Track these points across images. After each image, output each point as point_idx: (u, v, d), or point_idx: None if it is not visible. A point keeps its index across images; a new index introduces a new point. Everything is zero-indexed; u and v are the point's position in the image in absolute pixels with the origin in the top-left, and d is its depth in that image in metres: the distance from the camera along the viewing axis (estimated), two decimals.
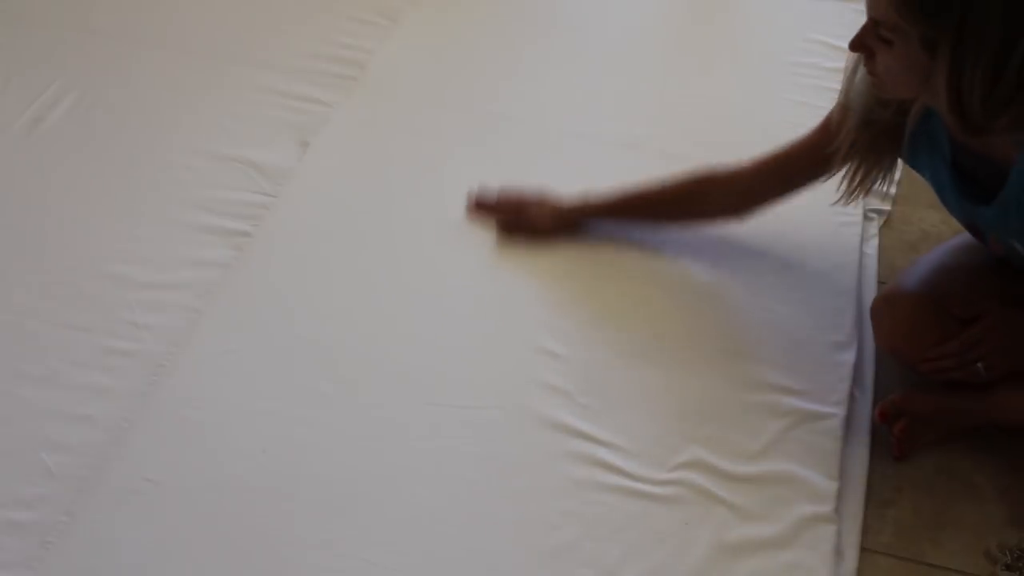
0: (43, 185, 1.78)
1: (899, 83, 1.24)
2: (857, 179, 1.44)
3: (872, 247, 1.74)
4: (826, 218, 1.64)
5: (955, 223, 1.49)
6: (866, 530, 1.36)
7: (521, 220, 1.69)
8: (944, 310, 1.41)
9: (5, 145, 1.85)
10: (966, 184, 1.34)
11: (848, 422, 1.46)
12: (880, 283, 1.67)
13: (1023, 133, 1.20)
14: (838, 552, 1.32)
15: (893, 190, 1.82)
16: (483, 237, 1.71)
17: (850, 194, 1.45)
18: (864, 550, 1.34)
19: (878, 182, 1.45)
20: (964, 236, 1.51)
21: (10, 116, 1.90)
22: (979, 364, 1.38)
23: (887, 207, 1.81)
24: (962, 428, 1.45)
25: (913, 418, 1.43)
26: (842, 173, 1.45)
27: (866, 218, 1.77)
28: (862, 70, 1.30)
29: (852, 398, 1.49)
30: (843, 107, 1.39)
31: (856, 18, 1.23)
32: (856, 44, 1.23)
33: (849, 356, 1.54)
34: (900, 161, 1.45)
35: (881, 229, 1.78)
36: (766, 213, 1.60)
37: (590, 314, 1.60)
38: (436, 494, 1.37)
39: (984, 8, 1.10)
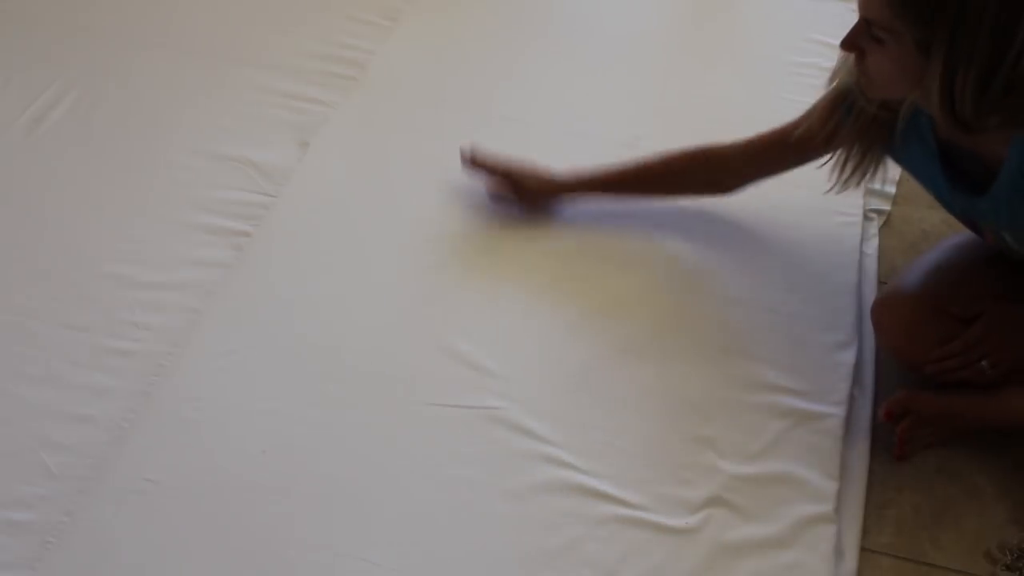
0: (43, 185, 1.78)
1: (890, 82, 1.25)
2: (848, 169, 1.44)
3: (872, 247, 1.74)
4: (826, 218, 1.64)
5: (956, 223, 1.49)
6: (866, 530, 1.36)
7: (513, 184, 1.70)
8: (943, 309, 1.41)
9: (5, 145, 1.85)
10: (957, 177, 1.34)
11: (848, 422, 1.46)
12: (880, 283, 1.67)
13: (1012, 130, 1.20)
14: (838, 552, 1.32)
15: (893, 190, 1.82)
16: (481, 236, 1.71)
17: (842, 184, 1.45)
18: (864, 550, 1.34)
19: (869, 174, 1.45)
20: (961, 234, 1.51)
21: (10, 116, 1.90)
22: (983, 362, 1.38)
23: (887, 207, 1.81)
24: (965, 429, 1.45)
25: (917, 418, 1.43)
26: (833, 161, 1.45)
27: (866, 218, 1.77)
28: (852, 61, 1.29)
29: (852, 398, 1.49)
30: (831, 95, 1.39)
31: (855, 18, 1.23)
32: (848, 43, 1.24)
33: (849, 356, 1.54)
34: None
35: (881, 229, 1.78)
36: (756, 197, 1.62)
37: (587, 312, 1.60)
38: (436, 494, 1.37)
39: (978, 10, 1.10)
